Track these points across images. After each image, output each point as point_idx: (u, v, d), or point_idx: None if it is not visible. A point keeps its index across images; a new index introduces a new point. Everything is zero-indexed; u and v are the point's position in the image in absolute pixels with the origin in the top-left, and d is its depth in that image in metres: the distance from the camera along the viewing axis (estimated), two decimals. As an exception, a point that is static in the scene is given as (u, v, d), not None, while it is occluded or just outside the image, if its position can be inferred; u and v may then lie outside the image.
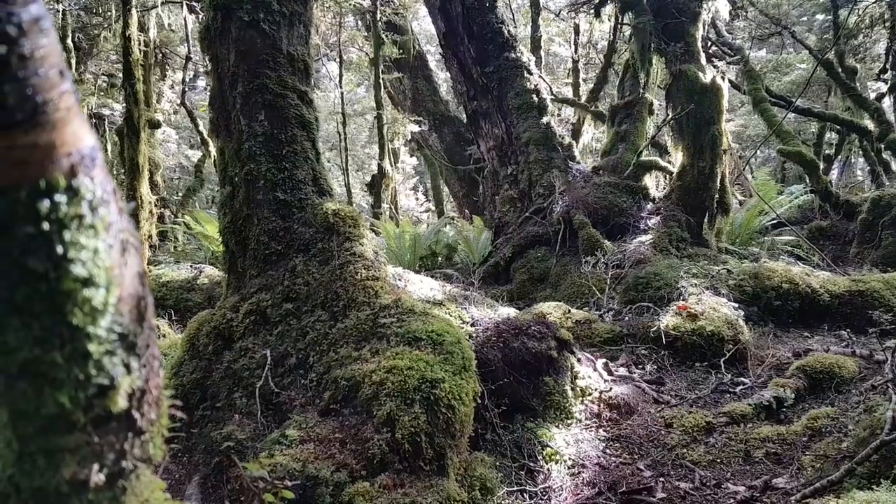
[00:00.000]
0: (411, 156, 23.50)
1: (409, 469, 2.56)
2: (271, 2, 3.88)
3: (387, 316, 3.17)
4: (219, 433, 2.88)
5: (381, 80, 12.06)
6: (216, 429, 3.01)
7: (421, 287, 4.04)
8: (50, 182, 0.43)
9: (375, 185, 12.58)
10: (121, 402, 0.51)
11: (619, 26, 10.88)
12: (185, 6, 8.40)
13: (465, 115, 12.58)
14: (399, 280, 3.95)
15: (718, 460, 3.03)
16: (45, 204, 0.43)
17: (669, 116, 6.91)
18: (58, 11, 8.85)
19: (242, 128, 3.86)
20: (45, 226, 0.44)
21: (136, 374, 0.53)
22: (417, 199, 26.32)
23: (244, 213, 3.84)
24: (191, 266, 8.01)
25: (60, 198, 0.44)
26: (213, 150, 11.81)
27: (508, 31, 8.24)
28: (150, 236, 5.83)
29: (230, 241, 3.90)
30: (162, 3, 8.83)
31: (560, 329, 3.76)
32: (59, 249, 0.45)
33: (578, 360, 3.78)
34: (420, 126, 13.75)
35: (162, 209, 10.53)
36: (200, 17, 8.24)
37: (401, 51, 13.17)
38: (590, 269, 5.78)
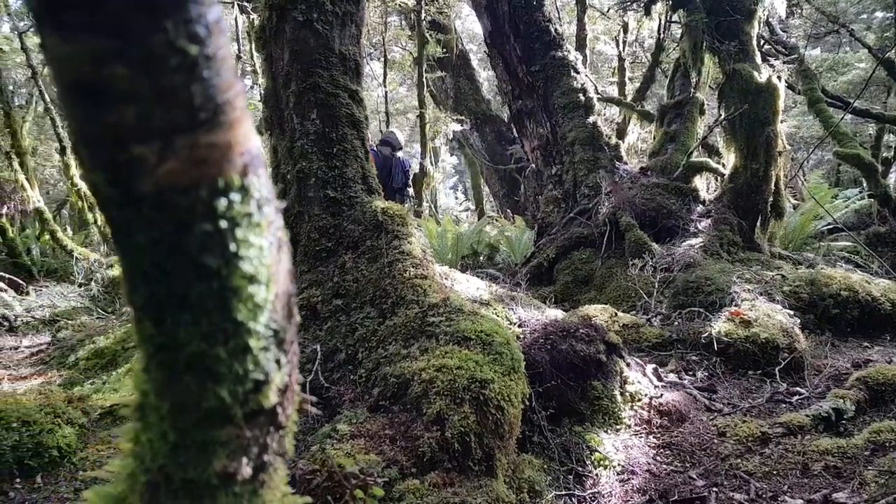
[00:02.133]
0: (451, 155, 23.54)
1: (459, 468, 2.55)
2: (325, 2, 3.92)
3: (435, 315, 3.17)
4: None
5: (424, 79, 12.10)
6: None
7: (467, 286, 4.03)
8: (227, 181, 0.44)
9: (416, 184, 12.63)
10: (272, 398, 0.52)
11: (667, 24, 10.68)
12: (235, 6, 8.54)
13: (506, 115, 12.52)
14: (446, 279, 3.95)
15: (774, 472, 2.95)
16: (222, 202, 0.44)
17: (722, 117, 6.75)
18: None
19: (295, 126, 3.92)
20: (222, 224, 0.44)
21: (285, 370, 0.53)
22: (457, 197, 26.35)
23: (295, 209, 3.89)
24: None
25: (235, 196, 0.45)
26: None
27: (555, 29, 8.16)
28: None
29: (281, 237, 3.96)
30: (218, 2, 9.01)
31: (609, 332, 3.71)
32: (232, 247, 0.46)
33: (627, 364, 3.72)
34: (462, 125, 13.74)
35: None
36: (251, 17, 8.38)
37: (444, 49, 13.19)
38: (636, 272, 5.69)
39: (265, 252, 0.48)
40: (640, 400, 3.58)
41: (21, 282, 8.63)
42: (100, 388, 4.85)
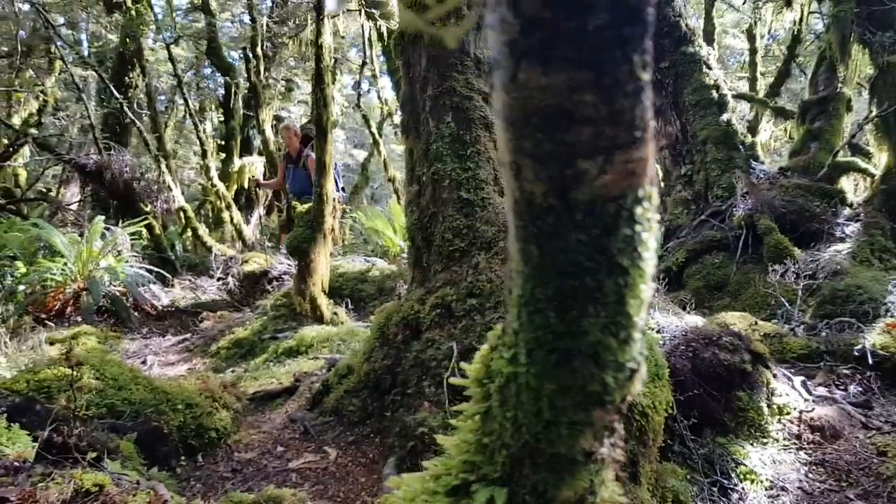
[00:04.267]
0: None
1: (601, 473, 2.53)
2: (462, 7, 3.99)
3: (574, 317, 3.15)
4: (412, 419, 3.02)
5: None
6: (408, 414, 3.16)
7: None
8: (645, 190, 0.48)
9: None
10: (637, 386, 0.56)
11: (805, 16, 10.00)
12: (363, 13, 8.88)
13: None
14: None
15: (949, 499, 2.70)
16: (639, 209, 0.49)
17: (874, 113, 6.24)
18: (261, 25, 9.75)
19: (430, 129, 4.02)
20: (637, 228, 0.49)
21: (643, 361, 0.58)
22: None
23: (430, 210, 3.99)
24: (364, 259, 8.50)
25: (646, 204, 0.50)
26: (382, 150, 12.45)
27: (686, 25, 7.87)
28: (332, 230, 6.24)
29: (416, 237, 4.08)
30: (343, 12, 9.41)
31: (754, 341, 3.54)
32: (640, 248, 0.50)
33: (774, 375, 3.53)
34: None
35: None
36: (378, 23, 8.68)
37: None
38: (776, 279, 5.37)
39: (652, 252, 0.52)
40: (788, 413, 3.39)
41: (167, 275, 9.36)
42: (241, 376, 5.21)
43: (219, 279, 9.57)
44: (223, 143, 13.99)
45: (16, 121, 12.77)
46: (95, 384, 3.11)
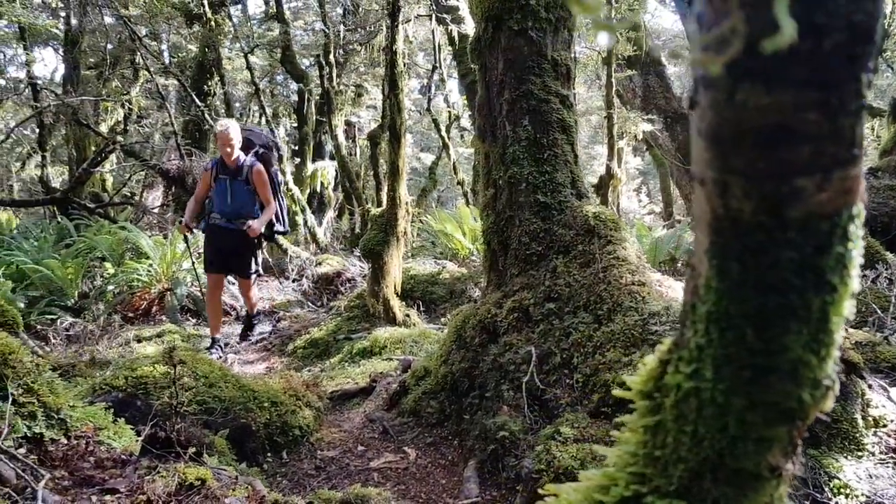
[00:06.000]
0: (635, 156, 22.77)
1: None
2: (539, 9, 3.98)
3: (657, 323, 3.09)
4: (492, 422, 3.03)
5: (612, 79, 11.83)
6: (487, 417, 3.18)
7: (681, 294, 3.88)
8: (857, 207, 0.49)
9: (603, 187, 12.38)
10: (829, 403, 0.56)
11: (894, 9, 9.49)
12: (433, 19, 8.96)
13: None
14: (660, 285, 3.84)
15: None
16: (852, 227, 0.50)
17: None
18: (335, 32, 9.98)
19: (507, 133, 4.02)
20: (849, 245, 0.50)
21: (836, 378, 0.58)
22: (640, 200, 25.44)
23: (506, 214, 4.00)
24: (435, 261, 8.58)
25: (858, 222, 0.50)
26: (452, 153, 12.52)
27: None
28: (405, 233, 6.32)
29: (492, 240, 4.09)
30: (415, 17, 9.53)
31: (846, 350, 3.38)
32: (849, 266, 0.51)
33: (869, 385, 3.36)
34: (651, 125, 13.25)
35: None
36: (449, 27, 8.74)
37: (634, 47, 12.80)
38: (868, 284, 5.11)
39: (858, 269, 0.52)
40: (885, 426, 3.22)
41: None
42: (318, 376, 5.34)
43: (294, 280, 9.81)
44: (296, 147, 14.40)
45: (103, 129, 13.48)
46: (188, 381, 3.26)
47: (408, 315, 6.38)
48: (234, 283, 9.09)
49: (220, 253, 5.86)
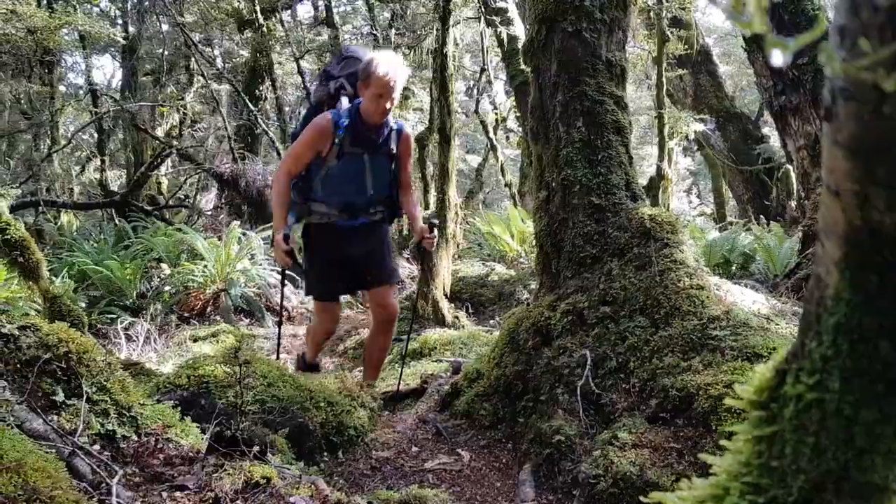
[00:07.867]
0: (685, 156, 22.33)
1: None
2: (594, 10, 3.95)
3: (717, 328, 3.03)
4: (548, 426, 3.01)
5: (663, 79, 11.64)
6: (541, 421, 3.16)
7: (742, 298, 3.80)
8: None
9: (653, 188, 12.18)
10: None
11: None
12: (483, 20, 8.97)
13: (755, 112, 11.52)
14: (718, 289, 3.76)
15: None
16: None
17: None
18: (383, 36, 10.10)
19: (560, 135, 4.00)
20: None
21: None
22: (690, 201, 24.94)
23: (560, 217, 3.97)
24: (482, 263, 8.58)
25: None
26: (500, 155, 12.52)
27: (827, 18, 7.34)
28: (454, 235, 6.34)
29: (545, 243, 4.07)
30: (463, 20, 9.57)
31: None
32: None
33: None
34: (703, 124, 12.98)
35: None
36: (498, 29, 8.73)
37: (686, 46, 12.57)
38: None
39: None
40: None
41: (297, 277, 9.85)
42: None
43: (342, 281, 9.89)
44: (344, 150, 14.56)
45: (160, 133, 13.92)
46: (251, 381, 3.33)
47: (457, 317, 6.40)
48: (286, 285, 9.25)
49: (347, 267, 4.11)
